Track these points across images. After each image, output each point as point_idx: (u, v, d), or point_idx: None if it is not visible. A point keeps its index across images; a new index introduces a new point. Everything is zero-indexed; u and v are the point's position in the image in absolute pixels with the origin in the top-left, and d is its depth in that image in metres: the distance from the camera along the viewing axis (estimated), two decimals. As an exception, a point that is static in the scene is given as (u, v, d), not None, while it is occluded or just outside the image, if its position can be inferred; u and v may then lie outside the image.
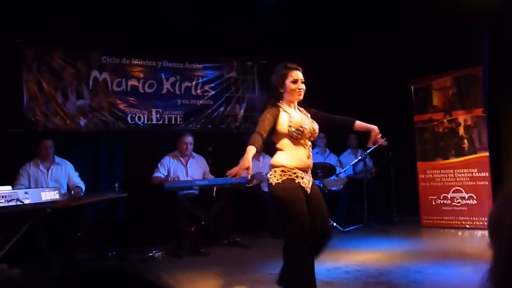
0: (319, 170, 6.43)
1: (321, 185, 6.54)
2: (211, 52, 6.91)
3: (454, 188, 6.56)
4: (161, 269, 4.75)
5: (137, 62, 6.45)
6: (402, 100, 7.12)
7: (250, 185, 6.26)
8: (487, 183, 6.29)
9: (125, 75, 6.35)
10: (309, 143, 3.32)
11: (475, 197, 6.38)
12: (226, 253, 5.44)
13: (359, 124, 3.45)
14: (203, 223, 5.62)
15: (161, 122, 6.55)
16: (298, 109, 3.40)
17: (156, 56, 6.55)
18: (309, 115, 3.41)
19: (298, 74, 3.33)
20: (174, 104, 6.67)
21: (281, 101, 3.33)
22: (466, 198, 6.46)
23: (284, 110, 3.29)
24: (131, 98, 6.38)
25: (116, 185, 5.31)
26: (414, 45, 7.07)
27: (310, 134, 3.30)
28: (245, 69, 7.28)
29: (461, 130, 6.54)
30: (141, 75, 6.46)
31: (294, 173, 3.20)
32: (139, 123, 6.40)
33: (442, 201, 6.67)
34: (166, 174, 5.98)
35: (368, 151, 6.68)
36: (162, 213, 5.96)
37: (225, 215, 6.10)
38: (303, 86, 3.33)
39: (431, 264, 4.39)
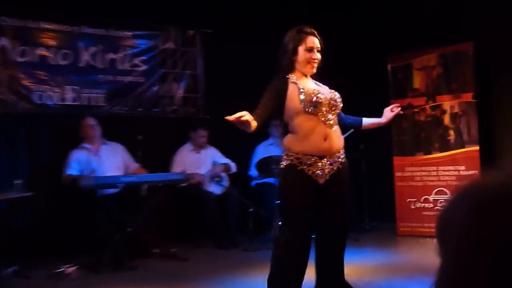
0: (274, 166, 6.38)
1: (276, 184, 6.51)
2: (143, 17, 6.82)
3: (437, 189, 6.65)
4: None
5: (47, 26, 6.30)
6: (377, 81, 7.15)
7: (185, 185, 6.19)
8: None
9: (32, 42, 6.20)
10: (332, 118, 3.32)
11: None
12: (158, 267, 5.41)
13: (367, 122, 3.67)
14: (129, 229, 5.57)
15: (78, 103, 6.44)
16: (314, 82, 3.44)
17: (72, 19, 6.42)
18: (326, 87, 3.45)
19: (315, 41, 3.37)
20: (95, 81, 6.56)
21: (291, 73, 3.37)
22: (451, 200, 6.56)
23: (292, 82, 3.33)
24: (39, 72, 6.22)
25: (19, 182, 5.22)
26: (393, 16, 7.11)
27: (330, 106, 3.31)
28: (185, 39, 7.22)
29: (447, 119, 6.63)
30: (53, 43, 6.33)
31: (298, 158, 3.25)
32: (50, 103, 6.27)
33: (422, 205, 6.75)
34: (81, 169, 5.91)
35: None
36: (78, 217, 5.88)
37: (158, 220, 6.06)
38: (318, 56, 3.37)
39: (408, 280, 4.45)
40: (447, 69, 6.64)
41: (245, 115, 3.03)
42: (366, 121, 3.69)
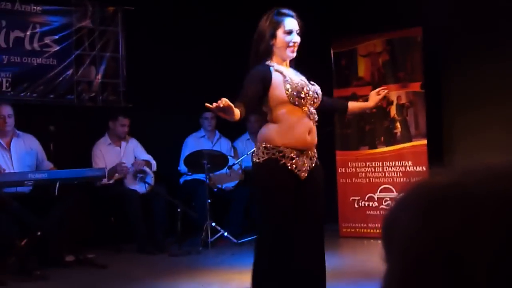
0: (206, 161, 6.39)
1: (207, 181, 6.52)
2: (55, -10, 6.74)
3: (382, 186, 6.80)
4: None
5: None
6: (320, 68, 7.23)
7: (110, 182, 6.13)
8: (423, 179, 6.59)
9: None
10: (314, 111, 3.43)
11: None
12: (72, 277, 5.34)
13: (353, 105, 3.82)
14: (38, 233, 5.48)
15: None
16: (292, 69, 3.53)
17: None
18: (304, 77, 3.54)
19: (293, 23, 3.45)
20: (-1, 62, 6.45)
21: (270, 59, 3.44)
22: (398, 199, 6.72)
23: (276, 70, 3.40)
24: None
25: None
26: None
27: (313, 99, 3.43)
28: (104, 16, 7.17)
29: (393, 111, 6.79)
30: None
31: (280, 152, 3.33)
32: None
33: (367, 203, 6.90)
34: None
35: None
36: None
37: (72, 222, 5.89)
38: (298, 39, 3.45)
39: (351, 285, 4.51)
40: (394, 56, 6.79)
41: (227, 101, 3.05)
42: (353, 105, 3.84)
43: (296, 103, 3.34)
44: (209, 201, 6.36)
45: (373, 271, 5.10)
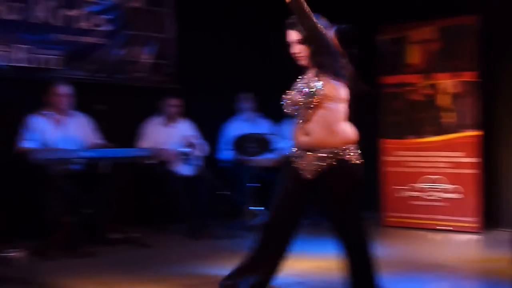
0: (252, 144, 6.44)
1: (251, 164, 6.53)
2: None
3: (428, 177, 6.78)
4: (21, 276, 4.64)
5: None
6: (366, 55, 7.19)
7: (153, 162, 6.19)
8: (475, 171, 6.55)
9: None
10: (309, 112, 3.46)
11: (458, 190, 6.63)
12: (118, 254, 5.43)
13: None
14: (86, 211, 5.58)
15: (30, 65, 6.38)
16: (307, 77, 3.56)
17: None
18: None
19: (289, 35, 3.53)
20: (50, 40, 6.51)
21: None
22: (446, 190, 6.70)
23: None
24: (-17, 28, 6.19)
25: None
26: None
27: (301, 104, 3.47)
28: None
29: (444, 100, 6.73)
30: (0, -6, 6.26)
31: (293, 150, 3.52)
32: (-4, 64, 6.25)
33: (412, 193, 6.89)
34: (38, 140, 5.86)
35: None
36: (27, 195, 5.88)
37: (118, 202, 6.03)
38: (296, 49, 3.51)
39: (395, 276, 4.49)
40: (446, 44, 6.71)
41: None
42: None
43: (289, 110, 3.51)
44: (255, 184, 6.38)
45: (416, 262, 5.14)
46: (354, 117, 6.16)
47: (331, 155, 3.40)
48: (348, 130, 3.48)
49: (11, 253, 5.10)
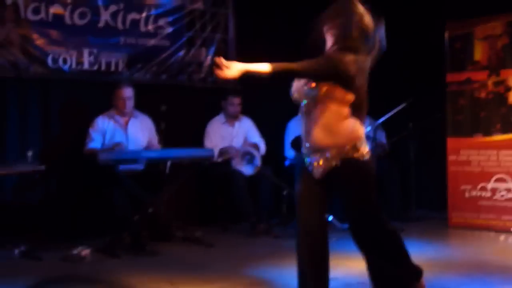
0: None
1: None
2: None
3: (497, 176, 6.63)
4: (89, 273, 4.74)
5: (63, -20, 6.35)
6: (432, 52, 7.10)
7: (219, 160, 6.25)
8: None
9: (46, -1, 6.26)
10: (314, 110, 3.47)
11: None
12: (180, 253, 5.50)
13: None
14: (150, 210, 5.64)
15: (96, 68, 6.51)
16: None
17: (91, -27, 6.48)
18: None
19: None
20: (115, 44, 6.64)
21: None
22: (516, 190, 6.56)
23: None
24: (54, 32, 6.28)
25: (29, 153, 5.28)
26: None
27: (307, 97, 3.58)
28: None
29: (512, 97, 6.59)
30: (68, 0, 6.35)
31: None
32: (64, 68, 6.34)
33: (479, 193, 6.75)
34: (104, 141, 6.03)
35: (381, 120, 6.66)
36: (94, 195, 6.00)
37: (181, 201, 6.16)
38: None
39: (462, 279, 4.43)
40: (514, 40, 6.57)
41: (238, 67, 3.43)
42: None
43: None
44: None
45: (484, 264, 5.02)
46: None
47: (338, 155, 3.34)
48: (353, 127, 3.34)
49: (79, 251, 5.17)
